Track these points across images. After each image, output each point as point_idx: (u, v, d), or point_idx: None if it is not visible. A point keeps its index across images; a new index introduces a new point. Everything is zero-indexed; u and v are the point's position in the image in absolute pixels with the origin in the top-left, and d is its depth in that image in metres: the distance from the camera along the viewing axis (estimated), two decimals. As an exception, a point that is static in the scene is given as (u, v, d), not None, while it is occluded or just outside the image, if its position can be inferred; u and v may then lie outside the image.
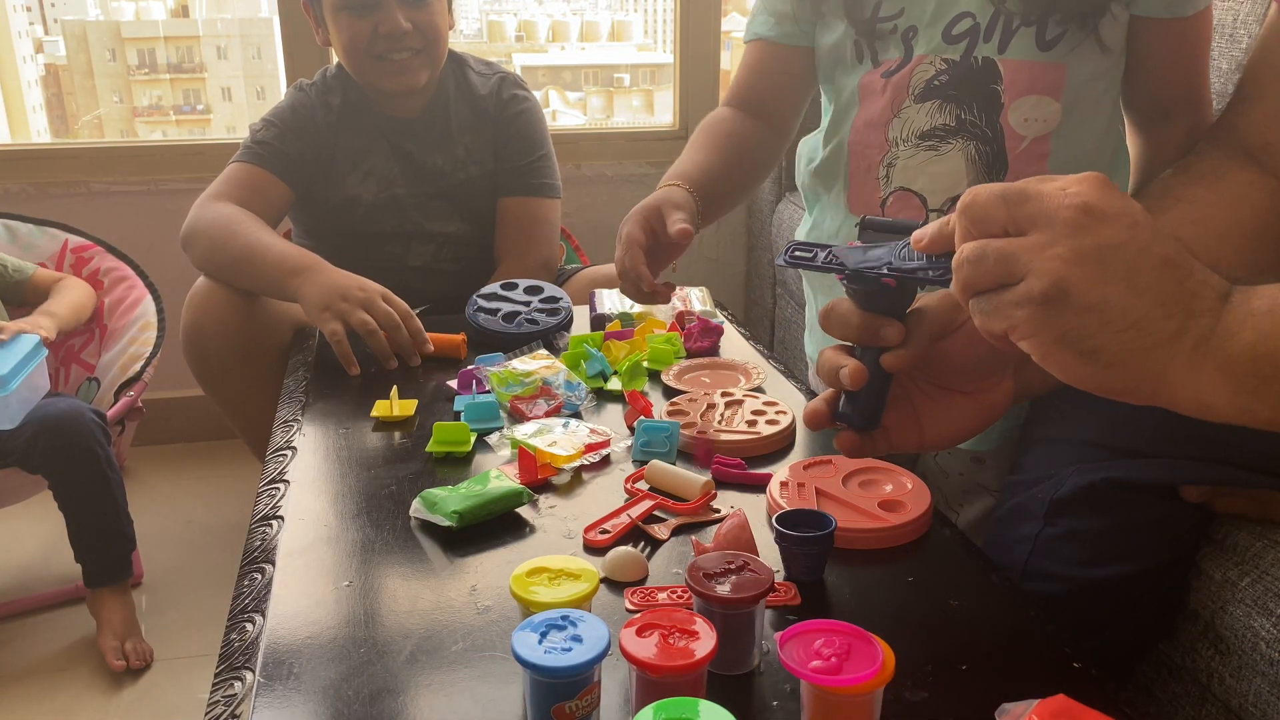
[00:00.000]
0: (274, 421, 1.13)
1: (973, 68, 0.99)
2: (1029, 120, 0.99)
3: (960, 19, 0.99)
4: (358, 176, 1.63)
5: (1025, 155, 1.01)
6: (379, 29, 1.54)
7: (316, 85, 1.67)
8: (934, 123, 1.02)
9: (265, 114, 1.66)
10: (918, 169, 1.03)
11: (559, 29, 3.54)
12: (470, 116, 1.69)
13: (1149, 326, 0.54)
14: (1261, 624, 0.79)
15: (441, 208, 1.67)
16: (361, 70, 1.60)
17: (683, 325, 1.34)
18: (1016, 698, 0.61)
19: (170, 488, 2.04)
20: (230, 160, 1.61)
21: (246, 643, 0.73)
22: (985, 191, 0.57)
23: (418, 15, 1.56)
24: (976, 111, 1.00)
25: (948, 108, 1.01)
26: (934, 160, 1.02)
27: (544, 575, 0.70)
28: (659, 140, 2.32)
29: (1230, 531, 0.85)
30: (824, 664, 0.59)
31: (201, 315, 1.46)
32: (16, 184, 2.06)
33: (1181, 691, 0.90)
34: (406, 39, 1.56)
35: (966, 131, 1.00)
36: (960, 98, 1.00)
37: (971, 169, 1.02)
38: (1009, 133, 1.00)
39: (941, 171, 1.02)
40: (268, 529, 0.89)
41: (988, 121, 1.00)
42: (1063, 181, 0.56)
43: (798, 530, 0.78)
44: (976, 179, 1.01)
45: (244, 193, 1.55)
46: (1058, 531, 0.86)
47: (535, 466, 0.95)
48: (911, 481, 0.91)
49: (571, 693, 0.60)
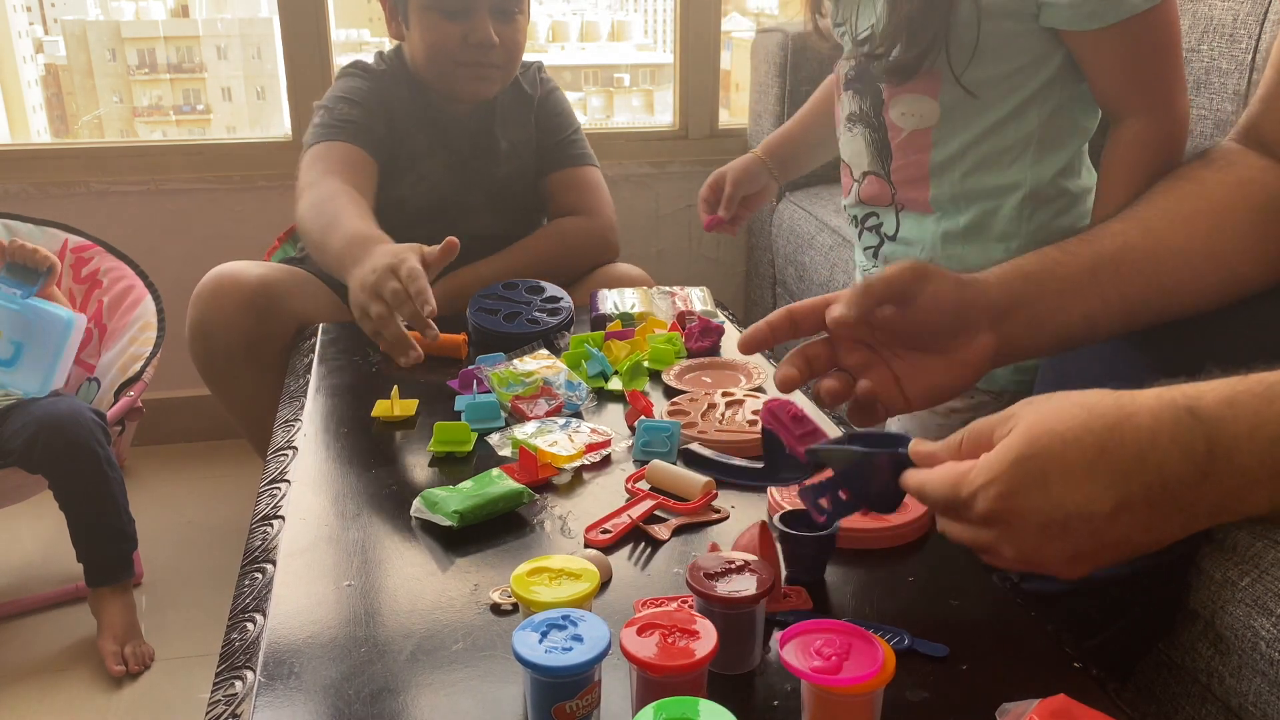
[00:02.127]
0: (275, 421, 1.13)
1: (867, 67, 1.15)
2: (905, 114, 1.12)
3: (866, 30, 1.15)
4: (412, 179, 1.58)
5: (905, 145, 1.15)
6: (469, 37, 1.51)
7: (387, 73, 1.61)
8: (848, 110, 1.21)
9: (337, 91, 1.59)
10: (845, 147, 1.25)
11: (559, 29, 3.54)
12: (513, 106, 1.67)
13: (1156, 541, 0.56)
14: (1261, 624, 0.79)
15: (481, 208, 1.65)
16: (440, 73, 1.56)
17: (683, 325, 1.34)
18: (1016, 698, 0.61)
19: (170, 488, 2.04)
20: (311, 142, 1.53)
21: (247, 642, 0.73)
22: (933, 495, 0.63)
23: (506, 29, 1.54)
24: (868, 103, 1.17)
25: (855, 98, 1.19)
26: (850, 140, 1.22)
27: (544, 575, 0.70)
28: (659, 140, 2.32)
29: (1230, 531, 0.85)
30: (824, 664, 0.59)
31: (208, 312, 1.45)
32: (16, 184, 2.06)
33: (1181, 691, 0.90)
34: (493, 52, 1.53)
35: (864, 119, 1.18)
36: (861, 90, 1.18)
37: (867, 150, 1.20)
38: (890, 125, 1.15)
39: (855, 149, 1.22)
40: (269, 529, 0.89)
41: (875, 112, 1.16)
42: (981, 470, 0.59)
43: (799, 528, 0.78)
44: (872, 161, 1.20)
45: (351, 172, 1.48)
46: (1058, 532, 0.86)
47: (536, 466, 0.95)
48: None
49: (572, 692, 0.60)
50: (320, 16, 2.11)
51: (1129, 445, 0.54)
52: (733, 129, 2.34)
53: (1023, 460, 0.56)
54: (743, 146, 2.31)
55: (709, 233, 1.39)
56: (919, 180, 1.18)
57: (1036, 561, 0.58)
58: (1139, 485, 0.54)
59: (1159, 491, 0.54)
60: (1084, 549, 0.56)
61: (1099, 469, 0.55)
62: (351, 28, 3.00)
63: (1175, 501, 0.54)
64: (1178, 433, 0.54)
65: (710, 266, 2.37)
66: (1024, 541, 0.57)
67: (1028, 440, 0.57)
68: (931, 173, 1.17)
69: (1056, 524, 0.56)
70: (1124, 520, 0.55)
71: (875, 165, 1.20)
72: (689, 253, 2.37)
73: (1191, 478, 0.54)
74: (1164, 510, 0.54)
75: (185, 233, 2.14)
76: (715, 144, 2.32)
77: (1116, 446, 0.55)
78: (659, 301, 1.45)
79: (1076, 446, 0.55)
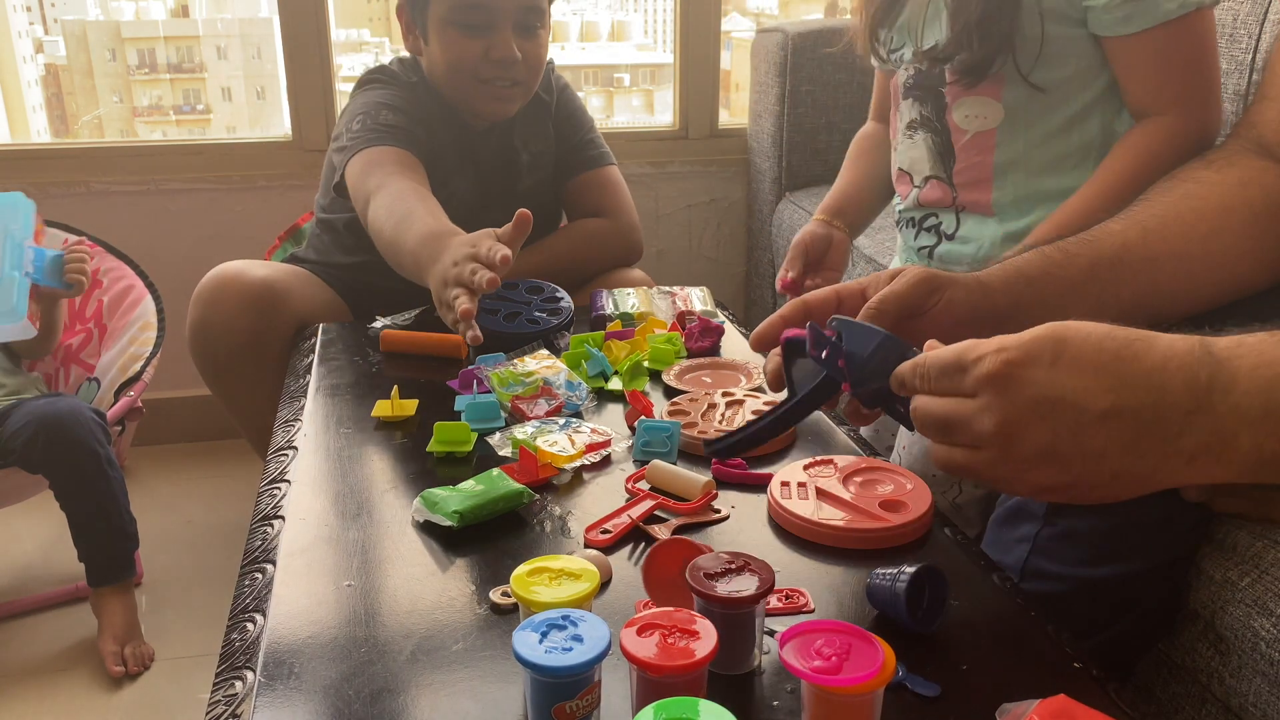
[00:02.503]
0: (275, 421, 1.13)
1: (930, 72, 1.17)
2: (969, 116, 1.14)
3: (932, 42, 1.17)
4: (443, 196, 1.47)
5: (969, 147, 1.17)
6: (490, 53, 1.48)
7: (419, 84, 1.57)
8: (909, 117, 1.22)
9: (376, 99, 1.52)
10: (905, 154, 1.25)
11: (559, 29, 3.54)
12: (533, 117, 1.65)
13: (1128, 475, 0.55)
14: (1261, 624, 0.79)
15: (501, 221, 1.63)
16: (460, 88, 1.53)
17: (683, 325, 1.34)
18: (1017, 698, 0.61)
19: (170, 488, 2.04)
20: (358, 146, 1.45)
21: (247, 642, 0.73)
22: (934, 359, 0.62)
23: (527, 45, 1.51)
24: (930, 107, 1.18)
25: (915, 105, 1.20)
26: (910, 148, 1.23)
27: (544, 575, 0.70)
28: (659, 140, 2.32)
29: (1230, 531, 0.85)
30: (824, 664, 0.59)
31: (210, 312, 1.45)
32: (16, 184, 2.05)
33: (1181, 691, 0.90)
34: (515, 69, 1.50)
35: (926, 124, 1.19)
36: (921, 97, 1.19)
37: (929, 155, 1.21)
38: (953, 127, 1.16)
39: (916, 156, 1.23)
40: (269, 528, 0.89)
41: (937, 116, 1.18)
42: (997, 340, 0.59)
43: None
44: (934, 165, 1.21)
45: (412, 173, 1.43)
46: (1057, 531, 0.86)
47: (536, 466, 0.95)
48: (912, 482, 0.91)
49: (572, 692, 0.60)
50: (320, 16, 2.11)
51: (1142, 359, 0.55)
52: (733, 129, 2.34)
53: (1041, 338, 0.57)
54: (742, 146, 2.31)
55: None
56: (982, 182, 1.19)
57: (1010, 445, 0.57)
58: (1136, 400, 0.54)
59: (1151, 412, 0.54)
60: (1062, 449, 0.56)
61: (1106, 370, 0.55)
62: (351, 28, 3.00)
63: (1163, 429, 0.54)
64: (1187, 361, 0.54)
65: (710, 266, 2.38)
66: (1010, 413, 0.56)
67: (1052, 328, 0.58)
68: (995, 174, 1.18)
69: (1048, 402, 0.55)
70: (1110, 429, 0.55)
71: (937, 169, 1.21)
72: (689, 253, 2.37)
73: (1187, 404, 0.54)
74: (1149, 436, 0.54)
75: (185, 233, 2.14)
76: (715, 144, 2.32)
77: (1131, 358, 0.55)
78: (659, 301, 1.45)
79: (1094, 343, 0.56)
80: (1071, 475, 0.57)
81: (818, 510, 0.87)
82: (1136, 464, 0.55)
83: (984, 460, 0.59)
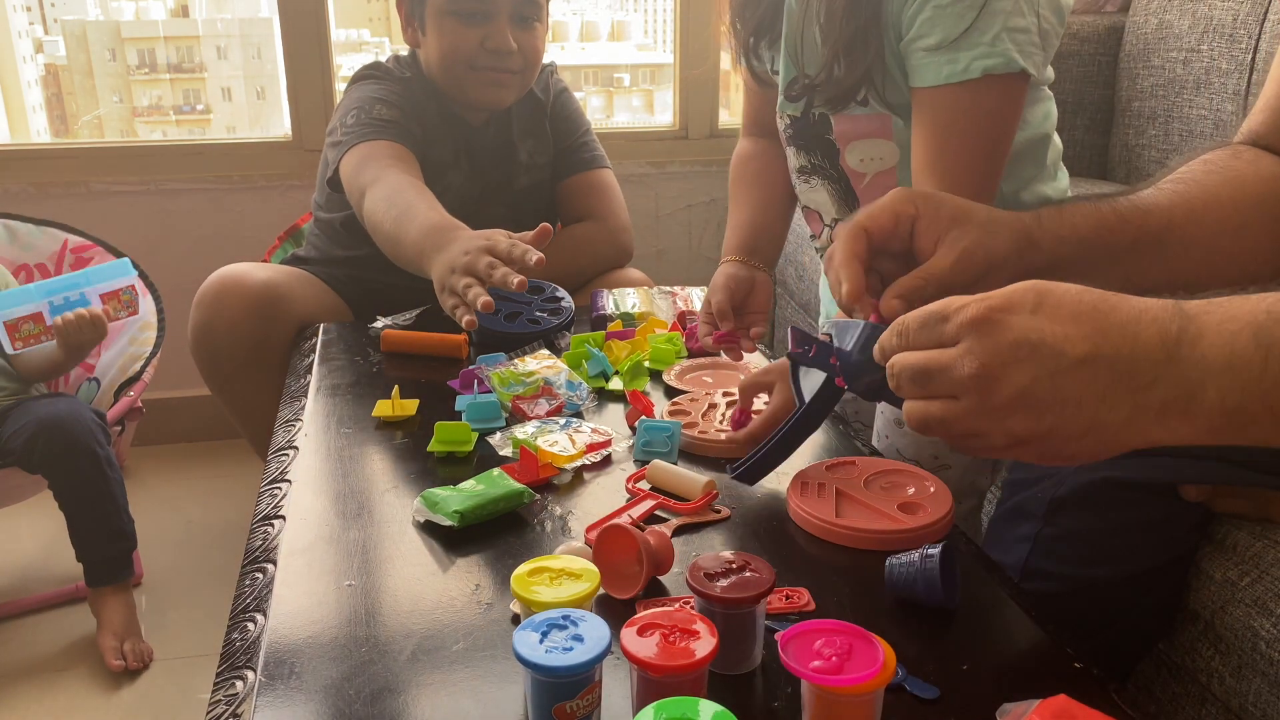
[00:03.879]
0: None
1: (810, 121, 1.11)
2: (865, 160, 1.09)
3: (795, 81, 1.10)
4: (438, 190, 1.46)
5: (871, 188, 1.10)
6: (486, 43, 1.50)
7: (413, 80, 1.59)
8: (798, 163, 1.17)
9: (369, 93, 1.54)
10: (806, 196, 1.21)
11: (559, 29, 3.54)
12: (530, 115, 1.66)
13: (1100, 427, 0.56)
14: (1261, 624, 0.79)
15: (502, 220, 1.60)
16: (456, 78, 1.54)
17: (683, 325, 1.34)
18: (1017, 698, 0.61)
19: (170, 488, 2.04)
20: (352, 141, 1.47)
21: (248, 642, 0.73)
22: (914, 315, 0.63)
23: (524, 36, 1.53)
24: (820, 156, 1.13)
25: (801, 153, 1.15)
26: (809, 191, 1.19)
27: (545, 575, 0.70)
28: (659, 140, 2.33)
29: (1230, 531, 0.85)
30: (825, 664, 0.59)
31: (212, 315, 1.45)
32: (16, 184, 2.06)
33: (1181, 691, 0.90)
34: (511, 59, 1.52)
35: (820, 171, 1.14)
36: (807, 146, 1.14)
37: (832, 200, 1.16)
38: (850, 172, 1.11)
39: (818, 199, 1.18)
40: (269, 528, 0.89)
41: (830, 164, 1.13)
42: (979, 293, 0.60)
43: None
44: (839, 208, 1.16)
45: (407, 166, 1.44)
46: (1057, 531, 0.86)
47: (537, 466, 0.95)
48: (934, 485, 0.91)
49: (572, 692, 0.60)
50: (320, 16, 2.11)
51: (1119, 311, 0.57)
52: (733, 129, 2.34)
53: (1024, 289, 0.59)
54: (743, 146, 2.31)
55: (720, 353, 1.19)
56: None
57: (989, 390, 0.58)
58: (1111, 348, 0.56)
59: (1126, 362, 0.56)
60: (1039, 394, 0.57)
61: (1085, 318, 0.57)
62: (351, 28, 3.00)
63: (1135, 379, 0.55)
64: (1160, 315, 0.56)
65: (710, 266, 2.36)
66: (990, 355, 0.57)
67: (1032, 282, 0.60)
68: None
69: (1029, 345, 0.57)
70: (1085, 375, 0.56)
71: (843, 212, 1.17)
72: (689, 253, 2.37)
73: (1157, 354, 0.55)
74: (1122, 385, 0.56)
75: (185, 233, 2.14)
76: (715, 144, 2.33)
77: (1109, 309, 0.57)
78: (659, 301, 1.45)
79: (1073, 295, 0.58)
80: (1046, 424, 0.57)
81: (836, 511, 0.87)
82: (1109, 414, 0.56)
83: (961, 410, 0.59)
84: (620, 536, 0.76)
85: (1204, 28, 1.71)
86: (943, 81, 0.97)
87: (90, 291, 1.56)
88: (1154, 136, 1.83)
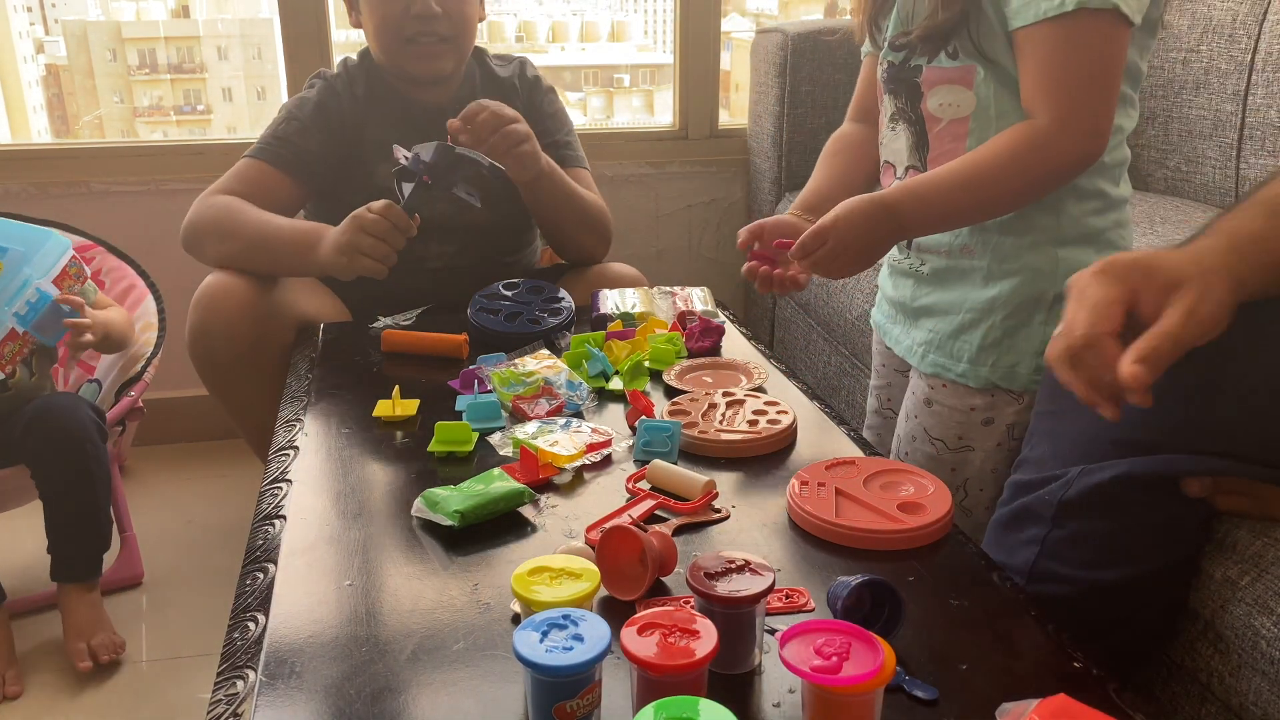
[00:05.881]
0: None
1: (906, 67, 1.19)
2: (943, 105, 1.15)
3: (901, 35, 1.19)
4: (389, 166, 1.51)
5: (943, 135, 1.17)
6: (410, 9, 1.54)
7: (340, 76, 1.65)
8: (889, 111, 1.24)
9: (288, 105, 1.63)
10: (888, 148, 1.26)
11: (559, 29, 3.54)
12: (491, 94, 1.65)
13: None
14: (1262, 623, 0.79)
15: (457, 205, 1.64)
16: (390, 52, 1.59)
17: (684, 325, 1.34)
18: (1017, 697, 0.61)
19: (170, 488, 2.04)
20: (242, 156, 1.59)
21: (249, 642, 0.73)
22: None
23: (449, 2, 1.56)
24: (905, 100, 1.20)
25: (891, 99, 1.23)
26: (893, 140, 1.24)
27: (545, 575, 0.71)
28: (659, 140, 2.33)
29: (1231, 530, 0.85)
30: (824, 663, 0.59)
31: (209, 316, 1.45)
32: (17, 184, 2.06)
33: (1181, 691, 0.90)
34: (436, 23, 1.56)
35: (903, 115, 1.21)
36: (896, 90, 1.22)
37: (907, 147, 1.22)
38: (928, 116, 1.18)
39: (897, 148, 1.23)
40: (270, 528, 0.89)
41: (912, 108, 1.20)
42: None
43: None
44: (911, 155, 1.22)
45: (247, 188, 1.54)
46: (1066, 534, 0.86)
47: (537, 466, 0.95)
48: (934, 485, 0.91)
49: (572, 692, 0.60)
50: (320, 16, 2.11)
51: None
52: (733, 129, 2.34)
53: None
54: (742, 146, 2.31)
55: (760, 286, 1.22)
56: None
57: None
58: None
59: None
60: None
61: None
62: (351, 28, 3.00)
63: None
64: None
65: (710, 266, 2.38)
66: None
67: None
68: None
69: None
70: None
71: (914, 159, 1.21)
72: (689, 253, 2.37)
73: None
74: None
75: (186, 233, 2.13)
76: (715, 144, 2.33)
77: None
78: (659, 301, 1.45)
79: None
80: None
81: (835, 510, 0.87)
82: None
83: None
84: (624, 538, 0.76)
85: (1203, 28, 1.71)
86: (1041, 17, 1.02)
87: (44, 284, 1.51)
88: (1153, 136, 1.83)
